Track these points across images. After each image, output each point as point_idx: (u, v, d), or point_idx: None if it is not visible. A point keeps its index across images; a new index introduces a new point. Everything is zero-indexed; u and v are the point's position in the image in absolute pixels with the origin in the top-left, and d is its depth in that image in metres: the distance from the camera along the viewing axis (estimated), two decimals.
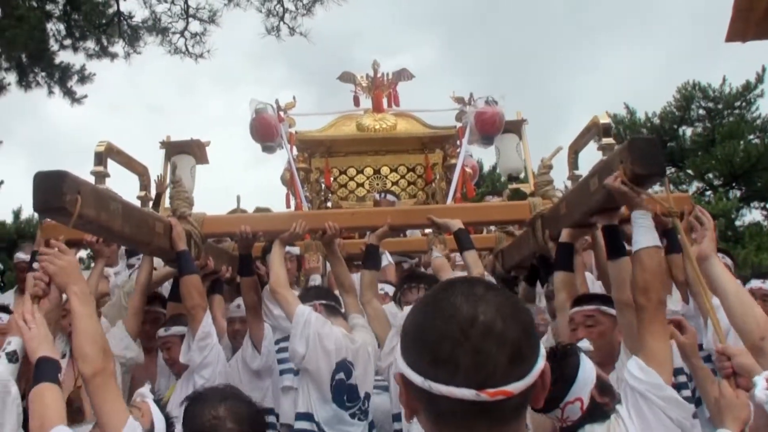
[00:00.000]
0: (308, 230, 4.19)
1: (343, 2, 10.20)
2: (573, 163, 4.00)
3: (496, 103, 6.63)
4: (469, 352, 1.07)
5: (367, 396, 3.78)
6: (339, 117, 7.27)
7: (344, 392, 3.66)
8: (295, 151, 6.97)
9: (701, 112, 22.53)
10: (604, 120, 3.38)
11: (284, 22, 10.65)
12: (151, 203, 3.98)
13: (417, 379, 1.10)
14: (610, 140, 3.31)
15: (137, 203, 3.88)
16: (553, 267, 3.63)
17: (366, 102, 7.39)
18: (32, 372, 2.34)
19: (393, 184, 7.00)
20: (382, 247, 4.84)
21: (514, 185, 9.01)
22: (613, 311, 3.05)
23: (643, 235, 2.71)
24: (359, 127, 7.02)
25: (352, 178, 7.04)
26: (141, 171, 3.80)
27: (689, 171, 20.70)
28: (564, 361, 2.31)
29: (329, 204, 7.08)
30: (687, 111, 22.42)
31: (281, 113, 6.85)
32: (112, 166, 4.09)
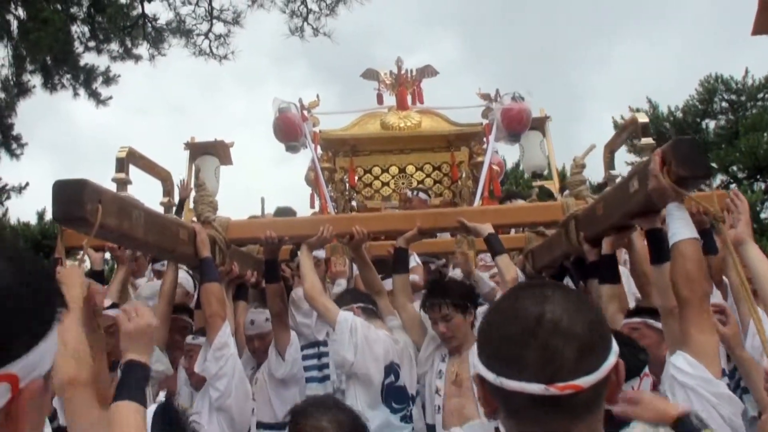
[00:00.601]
0: (335, 235, 4.14)
1: (366, 1, 10.19)
2: (609, 163, 3.89)
3: (523, 99, 6.52)
4: (537, 349, 1.12)
5: (413, 397, 3.74)
6: (363, 115, 7.21)
7: (394, 395, 3.64)
8: (319, 151, 6.92)
9: (724, 104, 22.38)
10: (643, 119, 3.25)
11: (308, 23, 10.83)
12: (174, 209, 3.92)
13: (490, 376, 1.16)
14: (649, 140, 3.20)
15: (160, 209, 3.82)
16: (599, 280, 3.55)
17: (390, 99, 7.33)
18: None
19: (419, 182, 6.92)
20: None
21: (539, 182, 8.95)
22: (659, 324, 2.96)
23: (682, 227, 2.63)
24: (384, 126, 6.96)
25: (377, 177, 6.98)
26: (164, 176, 3.76)
27: (713, 164, 20.54)
28: None
29: (354, 203, 7.03)
30: (710, 104, 22.29)
31: (305, 112, 6.79)
32: (134, 170, 4.10)
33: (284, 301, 4.12)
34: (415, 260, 5.24)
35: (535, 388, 1.11)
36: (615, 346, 1.18)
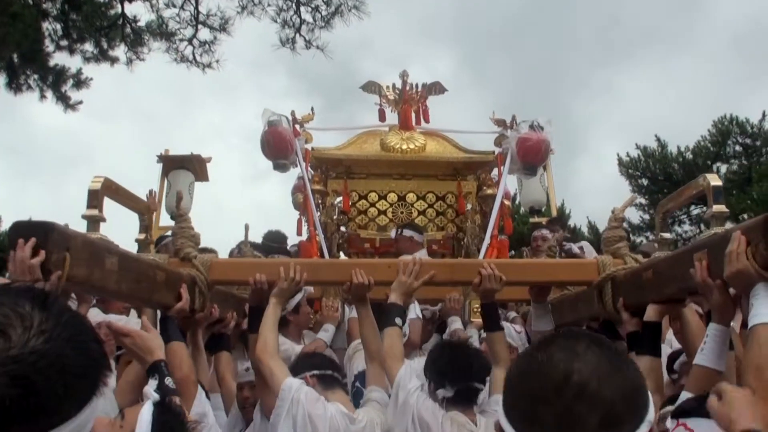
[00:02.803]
0: (332, 282, 3.81)
1: (364, 16, 10.02)
2: (661, 225, 3.58)
3: (542, 128, 6.18)
4: (558, 413, 1.09)
5: None
6: (361, 133, 6.85)
7: None
8: (310, 171, 6.56)
9: (738, 148, 22.46)
10: (716, 182, 2.93)
11: (300, 34, 10.70)
12: (152, 246, 3.56)
13: (509, 428, 1.17)
14: (722, 208, 2.87)
15: (134, 248, 3.46)
16: (637, 350, 3.23)
17: (391, 117, 6.97)
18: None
19: (419, 213, 6.56)
20: None
21: (536, 218, 8.73)
22: None
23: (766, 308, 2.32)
24: (384, 146, 6.56)
25: (373, 204, 6.61)
26: (143, 210, 3.37)
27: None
28: None
29: (343, 229, 6.68)
30: (723, 147, 22.46)
31: (297, 126, 6.43)
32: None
33: None
34: (415, 312, 4.91)
35: None
36: (651, 416, 1.14)
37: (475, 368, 3.46)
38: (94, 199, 2.85)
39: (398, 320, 3.73)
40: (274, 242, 6.72)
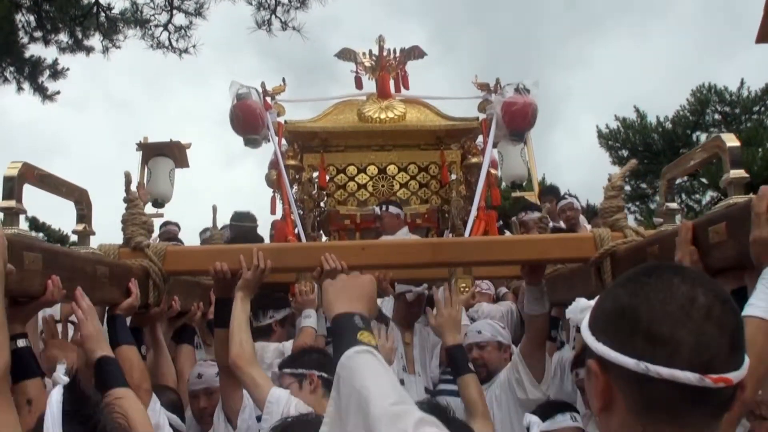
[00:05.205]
0: (300, 268, 3.43)
1: None
2: (667, 194, 3.19)
3: (528, 91, 5.80)
4: (693, 333, 1.06)
5: None
6: (336, 103, 6.43)
7: None
8: (283, 145, 6.15)
9: (717, 117, 22.52)
10: (733, 142, 2.54)
11: (276, 16, 10.52)
12: (91, 237, 3.17)
13: (628, 362, 1.07)
14: (741, 173, 2.49)
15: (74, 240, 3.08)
16: None
17: (369, 85, 6.55)
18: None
19: (401, 185, 6.17)
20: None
21: (518, 193, 8.45)
22: None
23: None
24: (361, 117, 6.15)
25: (352, 178, 6.20)
26: (77, 197, 2.98)
27: (703, 179, 20.52)
28: None
29: (323, 205, 6.31)
30: (702, 116, 22.51)
31: (268, 99, 6.01)
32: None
33: None
34: (387, 309, 4.55)
35: (690, 377, 1.04)
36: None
37: None
38: (11, 188, 2.45)
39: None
40: (242, 223, 6.36)
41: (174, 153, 7.27)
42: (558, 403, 3.35)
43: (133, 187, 3.49)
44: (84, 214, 3.08)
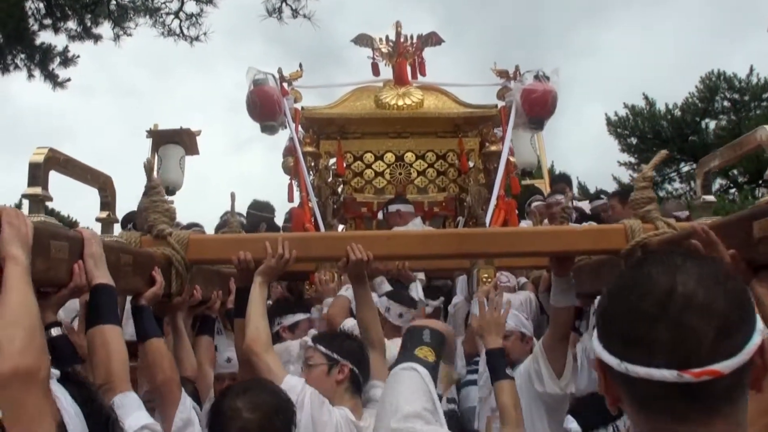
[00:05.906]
0: (325, 257, 3.36)
1: None
2: (705, 186, 3.11)
3: (548, 79, 5.73)
4: (668, 328, 1.02)
5: None
6: (353, 90, 6.36)
7: None
8: (300, 132, 6.09)
9: (726, 104, 22.38)
10: None
11: (287, 3, 10.48)
12: (117, 225, 3.11)
13: (613, 361, 1.07)
14: None
15: (97, 228, 3.01)
16: None
17: (386, 71, 6.46)
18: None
19: (419, 173, 6.12)
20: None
21: (528, 181, 8.40)
22: None
23: None
24: (378, 103, 6.09)
25: (369, 166, 6.15)
26: (101, 184, 2.91)
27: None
28: None
29: (339, 192, 6.25)
30: (711, 102, 22.42)
31: (285, 85, 5.94)
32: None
33: None
34: (417, 293, 4.50)
35: (666, 374, 1.01)
36: (760, 324, 1.07)
37: None
38: (37, 174, 2.38)
39: None
40: (261, 213, 6.29)
41: (184, 140, 7.26)
42: (603, 411, 3.25)
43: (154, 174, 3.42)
44: (108, 201, 3.01)
